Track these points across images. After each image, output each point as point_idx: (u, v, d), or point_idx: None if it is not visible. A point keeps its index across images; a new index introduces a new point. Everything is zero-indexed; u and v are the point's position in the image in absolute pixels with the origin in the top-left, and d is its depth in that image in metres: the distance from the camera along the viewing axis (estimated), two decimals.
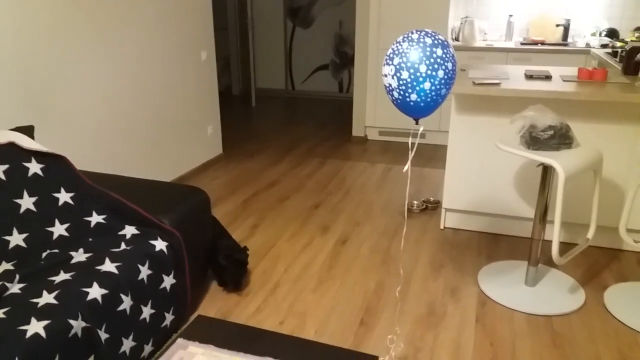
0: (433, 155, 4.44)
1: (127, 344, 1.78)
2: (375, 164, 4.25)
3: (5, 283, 1.65)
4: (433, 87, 1.65)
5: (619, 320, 2.17)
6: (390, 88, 1.72)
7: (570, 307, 2.25)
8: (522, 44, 4.50)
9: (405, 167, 1.75)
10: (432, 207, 3.33)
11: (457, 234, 2.99)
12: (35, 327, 1.48)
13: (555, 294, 2.34)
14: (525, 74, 2.87)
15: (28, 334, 1.45)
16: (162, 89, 3.53)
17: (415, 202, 3.38)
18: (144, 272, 1.88)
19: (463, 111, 2.80)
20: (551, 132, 2.13)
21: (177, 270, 2.05)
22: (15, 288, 1.65)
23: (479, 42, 4.58)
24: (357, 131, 5.00)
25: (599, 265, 2.62)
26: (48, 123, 2.65)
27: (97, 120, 2.98)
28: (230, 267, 2.36)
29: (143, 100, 3.35)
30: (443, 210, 3.04)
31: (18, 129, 2.16)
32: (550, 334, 2.10)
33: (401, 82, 1.66)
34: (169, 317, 1.99)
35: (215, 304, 2.30)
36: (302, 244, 2.89)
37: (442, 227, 3.06)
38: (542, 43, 4.47)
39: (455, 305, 2.30)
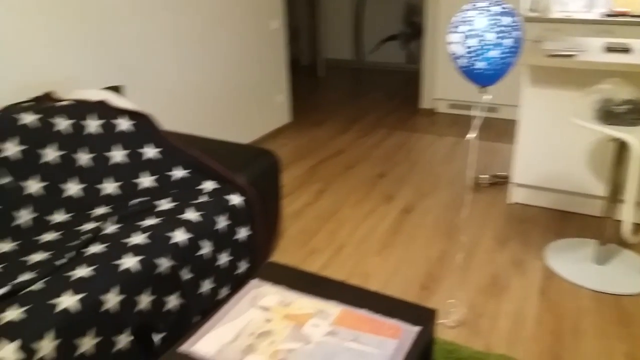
0: (505, 130, 4.34)
1: (206, 286, 1.94)
2: (444, 136, 4.21)
3: (101, 225, 1.84)
4: (500, 56, 1.64)
5: None
6: (456, 56, 1.73)
7: (639, 289, 2.20)
8: (604, 15, 4.25)
9: (469, 135, 1.77)
10: (501, 182, 3.29)
11: (525, 209, 2.95)
12: (129, 262, 1.65)
13: (625, 274, 2.29)
14: (603, 46, 2.75)
15: (122, 268, 1.62)
16: (233, 57, 3.66)
17: (484, 176, 3.35)
18: (222, 222, 2.02)
19: (536, 84, 2.73)
20: (628, 107, 2.05)
21: (251, 224, 2.18)
22: (110, 229, 1.84)
23: (557, 14, 4.37)
24: (425, 103, 4.96)
25: None
26: (135, 84, 2.85)
27: (174, 84, 3.16)
28: None
29: (216, 67, 3.50)
30: (512, 185, 3.00)
31: (110, 89, 2.34)
32: (617, 312, 2.07)
33: (468, 49, 1.67)
34: (243, 266, 2.14)
35: (284, 258, 2.43)
36: (366, 211, 2.96)
37: (510, 202, 3.03)
38: (627, 15, 4.21)
39: (520, 278, 2.31)
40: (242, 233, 2.14)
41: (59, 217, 1.91)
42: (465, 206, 2.99)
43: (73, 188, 1.97)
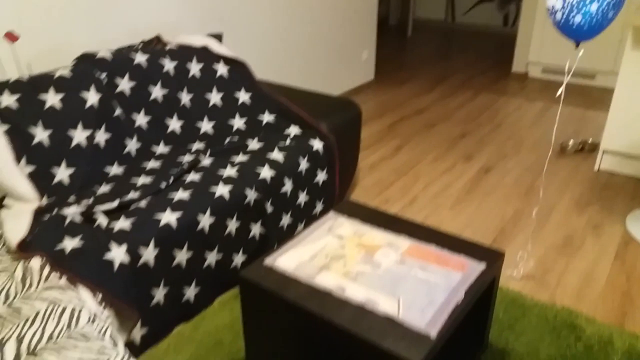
0: (600, 98, 4.12)
1: (286, 220, 2.11)
2: (533, 101, 4.09)
3: (198, 157, 2.04)
4: (600, 9, 1.61)
5: None
6: (554, 9, 1.71)
7: None
8: None
9: (559, 92, 1.76)
10: (588, 149, 3.18)
11: (612, 177, 2.85)
12: (221, 190, 1.84)
13: None
14: None
15: (215, 194, 1.82)
16: (324, 12, 3.74)
17: (571, 141, 3.25)
18: (303, 164, 2.17)
19: (639, 46, 2.59)
20: None
21: (329, 168, 2.32)
22: (205, 162, 2.04)
23: None
24: (517, 66, 4.79)
25: None
26: (232, 33, 3.03)
27: (267, 35, 3.31)
28: None
29: (307, 21, 3.60)
30: (600, 151, 2.90)
31: (211, 36, 2.53)
32: None
33: (566, 2, 1.64)
34: (319, 206, 2.29)
35: None
36: (444, 168, 3.00)
37: (596, 168, 2.94)
38: None
39: (596, 240, 2.28)
40: (321, 176, 2.28)
41: (161, 148, 2.15)
42: (549, 172, 2.94)
43: (174, 124, 2.20)
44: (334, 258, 1.45)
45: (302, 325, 1.32)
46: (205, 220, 1.77)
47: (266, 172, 2.00)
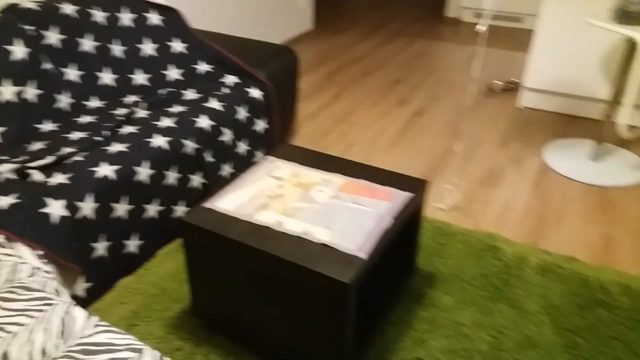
0: (527, 40, 4.33)
1: (226, 169, 2.18)
2: (465, 45, 4.24)
3: (133, 110, 2.05)
4: None
5: None
6: None
7: (628, 181, 2.36)
8: None
9: (479, 27, 1.87)
10: (514, 88, 3.38)
11: (533, 113, 3.07)
12: (159, 141, 1.88)
13: (617, 169, 2.44)
14: None
15: (152, 145, 1.85)
16: None
17: (498, 82, 3.43)
18: (242, 113, 2.22)
19: None
20: None
21: (269, 116, 2.38)
22: (141, 114, 2.05)
23: None
24: (451, 12, 4.91)
25: None
26: None
27: None
28: None
29: None
30: (522, 89, 3.09)
31: None
32: (601, 201, 2.26)
33: None
34: (260, 155, 2.36)
35: None
36: (379, 113, 3.12)
37: (519, 106, 3.14)
38: None
39: (516, 171, 2.49)
40: (260, 125, 2.34)
41: (94, 102, 2.13)
42: (478, 113, 3.11)
43: (107, 77, 2.18)
44: (273, 198, 1.55)
45: (243, 261, 1.41)
46: (144, 172, 1.80)
47: (204, 122, 2.04)
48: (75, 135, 1.90)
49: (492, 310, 1.72)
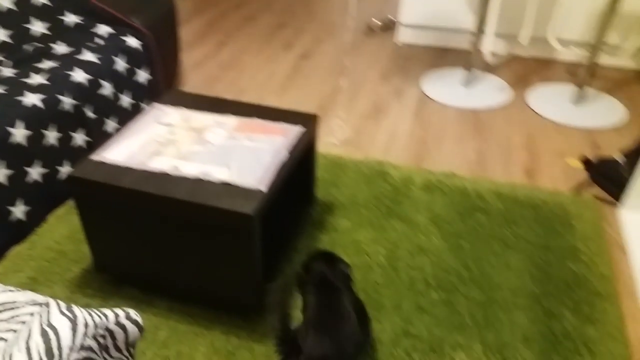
0: None
1: (111, 125, 2.09)
2: None
3: None
4: None
5: (535, 111, 2.57)
6: None
7: (496, 103, 2.62)
8: None
9: None
10: (392, 26, 3.52)
11: (410, 48, 3.24)
12: (32, 98, 1.75)
13: (486, 93, 2.70)
14: None
15: (26, 103, 1.73)
16: None
17: (376, 20, 3.55)
18: (121, 64, 2.11)
19: None
20: None
21: (151, 66, 2.29)
22: (7, 72, 1.89)
23: None
24: None
25: (530, 72, 2.95)
26: None
27: None
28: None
29: None
30: (399, 26, 3.24)
31: None
32: (474, 122, 2.50)
33: None
34: (146, 108, 2.28)
35: None
36: (266, 59, 3.12)
37: (397, 42, 3.30)
38: None
39: (398, 103, 2.65)
40: (142, 76, 2.25)
41: None
42: (360, 51, 3.22)
43: None
44: (165, 144, 1.53)
45: (141, 209, 1.40)
46: (19, 133, 1.68)
47: (80, 76, 1.92)
48: None
49: (385, 227, 1.87)
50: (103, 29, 2.19)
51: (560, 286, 1.66)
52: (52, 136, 1.80)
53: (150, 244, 1.47)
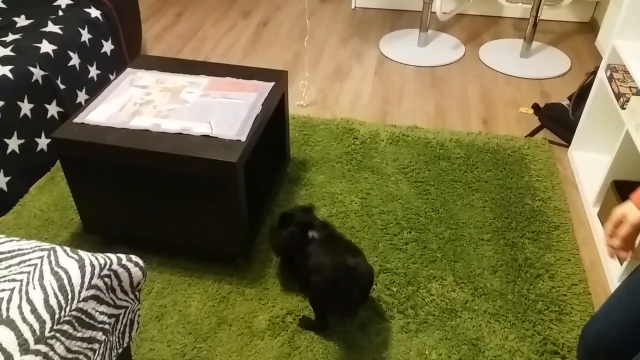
0: None
1: (82, 96, 2.10)
2: None
3: None
4: None
5: (487, 65, 2.71)
6: None
7: (450, 59, 2.75)
8: None
9: None
10: None
11: (366, 12, 3.32)
12: (1, 70, 1.75)
13: (441, 51, 2.83)
14: None
15: None
16: None
17: None
18: (85, 35, 2.11)
19: None
20: None
21: (114, 37, 2.29)
22: None
23: None
24: None
25: (480, 29, 3.09)
26: None
27: None
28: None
29: None
30: None
31: None
32: (431, 78, 2.62)
33: None
34: (113, 79, 2.29)
35: None
36: (226, 28, 3.14)
37: (353, 7, 3.37)
38: None
39: (359, 65, 2.74)
40: (107, 46, 2.25)
41: None
42: (316, 16, 3.28)
43: None
44: (143, 104, 1.57)
45: (127, 167, 1.45)
46: None
47: (46, 47, 1.92)
48: None
49: (358, 179, 1.98)
50: (63, 1, 2.17)
51: (520, 220, 1.81)
52: (26, 107, 1.80)
53: (138, 201, 1.53)
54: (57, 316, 0.94)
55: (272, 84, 1.69)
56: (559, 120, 2.24)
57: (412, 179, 1.98)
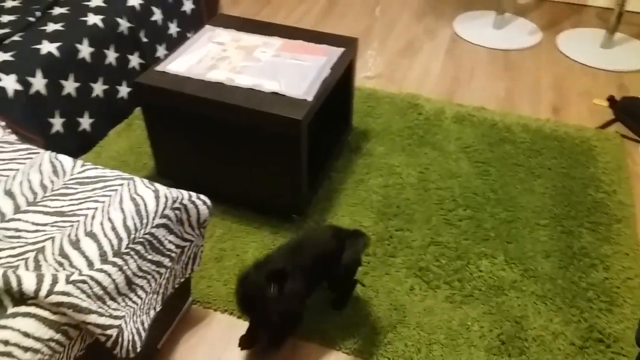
0: None
1: (161, 51, 2.21)
2: None
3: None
4: None
5: (564, 54, 2.62)
6: None
7: (526, 44, 2.68)
8: None
9: None
10: None
11: None
12: (93, 19, 1.88)
13: (516, 35, 2.75)
14: None
15: (90, 23, 1.85)
16: None
17: None
18: None
19: None
20: None
21: None
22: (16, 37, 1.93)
23: None
24: None
25: (560, 16, 2.98)
26: None
27: None
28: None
29: None
30: None
31: None
32: (504, 62, 2.57)
33: None
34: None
35: None
36: None
37: None
38: None
39: (430, 42, 2.72)
40: (187, 5, 2.36)
41: None
42: None
43: None
44: (219, 59, 1.65)
45: (200, 116, 1.54)
46: (85, 50, 1.82)
47: (133, 0, 2.04)
48: (5, 18, 1.85)
49: (418, 153, 1.99)
50: None
51: (581, 210, 1.77)
52: (111, 56, 1.93)
53: (207, 151, 1.62)
54: (132, 236, 1.04)
55: (342, 49, 1.73)
56: (635, 115, 2.15)
57: (474, 158, 1.98)
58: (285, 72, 1.60)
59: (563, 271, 1.56)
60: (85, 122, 1.88)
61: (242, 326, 1.36)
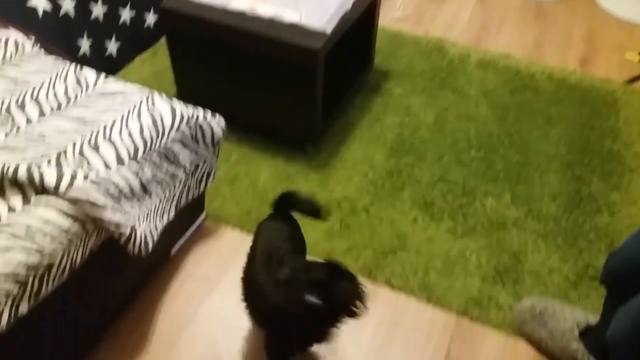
0: None
1: None
2: None
3: None
4: None
5: (600, 7, 2.54)
6: None
7: None
8: None
9: None
10: None
11: None
12: None
13: None
14: None
15: None
16: None
17: None
18: None
19: None
20: None
21: None
22: None
23: None
24: None
25: None
26: None
27: None
28: None
29: None
30: None
31: None
32: (537, 12, 2.51)
33: None
34: None
35: None
36: None
37: None
38: None
39: None
40: None
41: None
42: None
43: None
44: None
45: (221, 42, 1.59)
46: None
47: None
48: None
49: (438, 95, 2.01)
50: None
51: (594, 158, 1.77)
52: None
53: (227, 79, 1.68)
54: (148, 145, 1.12)
55: None
56: None
57: (493, 103, 1.98)
58: (307, 2, 1.62)
59: (568, 213, 1.58)
60: (112, 47, 1.96)
61: (250, 242, 1.44)
